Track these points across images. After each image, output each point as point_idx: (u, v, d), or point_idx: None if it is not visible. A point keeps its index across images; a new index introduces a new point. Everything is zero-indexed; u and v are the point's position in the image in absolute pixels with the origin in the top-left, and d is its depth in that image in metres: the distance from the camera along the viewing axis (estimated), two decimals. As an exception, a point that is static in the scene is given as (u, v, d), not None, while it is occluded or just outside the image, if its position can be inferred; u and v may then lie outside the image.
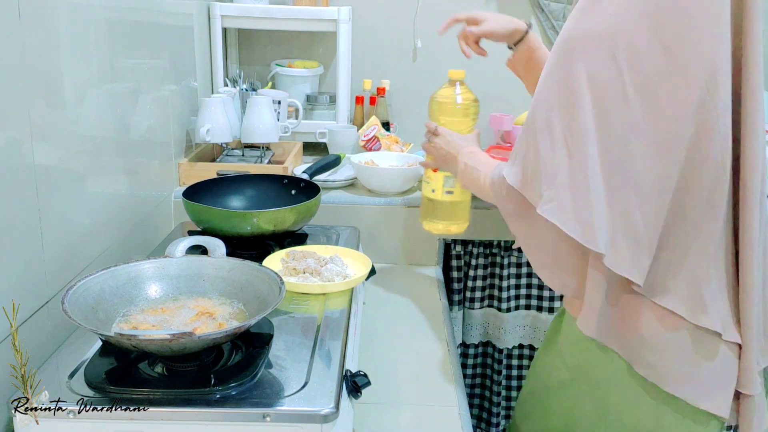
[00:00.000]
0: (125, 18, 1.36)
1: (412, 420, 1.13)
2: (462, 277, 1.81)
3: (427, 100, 1.45)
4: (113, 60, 1.29)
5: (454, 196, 1.43)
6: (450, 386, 1.22)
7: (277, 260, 1.23)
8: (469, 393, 1.91)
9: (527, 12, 2.21)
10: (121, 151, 1.35)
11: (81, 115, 1.16)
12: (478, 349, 1.88)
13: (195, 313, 0.95)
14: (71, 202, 1.13)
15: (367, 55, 2.23)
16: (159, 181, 1.59)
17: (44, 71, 1.03)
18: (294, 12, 2.03)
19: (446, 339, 1.38)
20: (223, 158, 1.88)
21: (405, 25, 2.22)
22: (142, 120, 1.46)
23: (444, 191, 1.42)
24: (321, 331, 1.01)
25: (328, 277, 1.16)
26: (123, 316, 0.95)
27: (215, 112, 1.76)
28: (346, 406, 0.90)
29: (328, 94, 2.20)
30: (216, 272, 1.02)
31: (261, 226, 1.29)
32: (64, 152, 1.11)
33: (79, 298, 0.90)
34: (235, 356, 0.92)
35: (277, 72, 2.18)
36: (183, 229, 1.45)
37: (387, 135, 2.00)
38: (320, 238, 1.41)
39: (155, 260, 1.03)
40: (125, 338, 0.81)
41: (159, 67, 1.56)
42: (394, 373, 1.26)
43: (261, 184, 1.52)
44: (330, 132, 2.01)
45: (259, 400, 0.82)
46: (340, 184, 1.80)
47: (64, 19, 1.09)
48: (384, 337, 1.38)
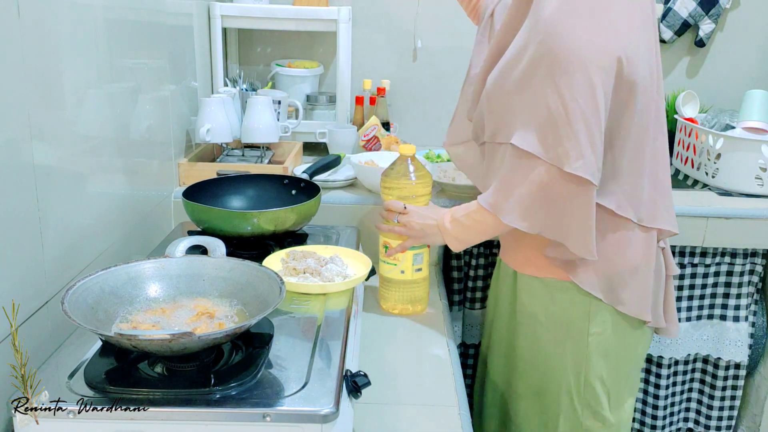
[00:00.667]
0: (125, 18, 1.36)
1: (412, 420, 1.13)
2: (462, 277, 1.81)
3: (427, 100, 1.45)
4: (113, 60, 1.29)
5: (423, 272, 1.42)
6: (450, 386, 1.22)
7: (277, 260, 1.23)
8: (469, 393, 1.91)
9: (527, 12, 2.21)
10: (121, 151, 1.35)
11: (81, 115, 1.16)
12: (478, 349, 1.88)
13: (195, 313, 0.95)
14: (71, 202, 1.13)
15: (367, 55, 2.23)
16: (159, 181, 1.59)
17: (44, 71, 1.03)
18: (294, 12, 2.03)
19: (446, 339, 1.38)
20: (223, 158, 1.87)
21: (405, 25, 2.22)
22: (142, 120, 1.46)
23: (414, 269, 1.41)
24: (321, 331, 1.01)
25: (329, 277, 1.16)
26: (123, 316, 0.95)
27: (215, 112, 1.76)
28: (346, 406, 0.90)
29: (328, 94, 2.20)
30: (216, 272, 1.02)
31: (261, 226, 1.29)
32: (64, 152, 1.10)
33: (78, 298, 0.90)
34: (235, 356, 0.92)
35: (277, 72, 2.18)
36: (183, 229, 1.45)
37: (387, 135, 2.00)
38: (320, 238, 1.41)
39: (155, 260, 1.03)
40: (125, 338, 0.81)
41: (159, 67, 1.56)
42: (394, 373, 1.25)
43: (261, 184, 1.52)
44: (330, 132, 2.01)
45: (259, 400, 0.82)
46: (340, 184, 1.80)
47: (64, 19, 1.09)
48: (384, 337, 1.38)
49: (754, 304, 1.86)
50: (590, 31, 1.07)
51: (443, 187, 1.77)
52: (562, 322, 1.28)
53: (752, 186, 1.81)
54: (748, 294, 1.83)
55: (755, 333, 1.88)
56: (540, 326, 1.30)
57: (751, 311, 1.86)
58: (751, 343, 1.88)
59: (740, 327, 1.84)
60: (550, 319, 1.29)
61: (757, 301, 1.88)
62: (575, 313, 1.26)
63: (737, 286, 1.82)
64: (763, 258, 1.82)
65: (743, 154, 1.79)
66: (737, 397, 1.92)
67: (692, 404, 1.97)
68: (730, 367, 1.89)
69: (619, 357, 1.29)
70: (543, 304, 1.29)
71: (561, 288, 1.26)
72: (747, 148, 1.79)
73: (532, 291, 1.31)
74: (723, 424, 1.95)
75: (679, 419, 1.98)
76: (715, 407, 1.93)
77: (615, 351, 1.28)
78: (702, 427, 1.97)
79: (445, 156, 1.97)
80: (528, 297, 1.32)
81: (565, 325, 1.27)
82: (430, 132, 2.19)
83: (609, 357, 1.28)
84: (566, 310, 1.27)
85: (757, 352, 1.90)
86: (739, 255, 1.79)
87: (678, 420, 1.97)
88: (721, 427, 1.95)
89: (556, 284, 1.26)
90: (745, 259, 1.80)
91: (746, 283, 1.82)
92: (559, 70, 1.07)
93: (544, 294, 1.29)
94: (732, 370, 1.89)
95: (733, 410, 1.94)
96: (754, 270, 1.81)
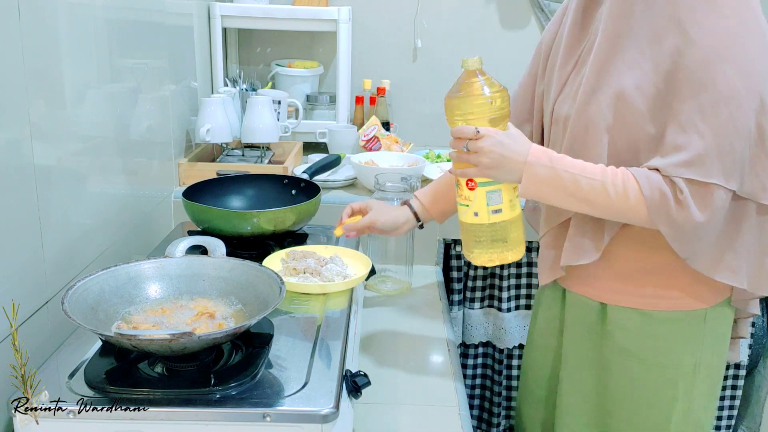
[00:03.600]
0: (125, 18, 1.36)
1: (412, 420, 1.13)
2: (462, 277, 1.81)
3: (427, 100, 1.44)
4: (113, 60, 1.29)
5: (503, 214, 1.11)
6: (450, 386, 1.22)
7: (277, 260, 1.23)
8: (469, 393, 1.91)
9: (527, 12, 2.21)
10: (121, 151, 1.35)
11: (81, 115, 1.16)
12: (478, 349, 1.88)
13: (195, 313, 0.95)
14: (71, 202, 1.13)
15: (367, 55, 2.23)
16: (159, 181, 1.59)
17: (44, 71, 1.03)
18: (294, 12, 2.03)
19: (446, 339, 1.38)
20: (223, 158, 1.88)
21: (405, 25, 2.22)
22: (142, 120, 1.46)
23: (490, 211, 1.10)
24: (321, 331, 1.01)
25: (328, 277, 1.16)
26: (123, 316, 0.95)
27: (215, 112, 1.76)
28: (346, 406, 0.90)
29: (328, 94, 2.20)
30: (216, 272, 1.02)
31: (261, 226, 1.29)
32: (64, 152, 1.10)
33: (79, 298, 0.90)
34: (235, 356, 0.92)
35: (277, 72, 2.18)
36: (183, 229, 1.45)
37: (387, 135, 2.00)
38: (320, 238, 1.41)
39: (155, 260, 1.02)
40: (125, 338, 0.81)
41: (159, 67, 1.56)
42: (394, 373, 1.26)
43: (261, 184, 1.52)
44: (330, 132, 2.01)
45: (259, 400, 0.82)
46: (340, 184, 1.80)
47: (64, 19, 1.09)
48: (384, 337, 1.38)
49: (754, 304, 1.86)
50: None
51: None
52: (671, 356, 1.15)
53: (752, 186, 1.81)
54: (748, 294, 1.83)
55: (755, 333, 1.88)
56: (637, 364, 1.16)
57: (751, 311, 1.86)
58: (751, 343, 1.88)
59: (740, 327, 1.84)
60: (655, 355, 1.15)
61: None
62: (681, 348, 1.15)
63: (737, 286, 1.82)
64: (763, 258, 1.81)
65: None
66: (737, 397, 1.92)
67: (692, 404, 1.97)
68: (730, 367, 1.88)
69: (714, 379, 1.21)
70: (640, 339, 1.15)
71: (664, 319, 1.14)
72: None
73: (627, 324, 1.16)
74: (723, 424, 1.95)
75: (679, 419, 1.98)
76: (715, 407, 1.93)
77: (715, 378, 1.20)
78: (702, 427, 1.97)
79: (445, 156, 1.97)
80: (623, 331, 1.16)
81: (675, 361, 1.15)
82: (430, 132, 2.19)
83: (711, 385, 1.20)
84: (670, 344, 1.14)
85: (757, 352, 1.90)
86: (739, 255, 1.79)
87: (678, 420, 1.97)
88: (721, 427, 1.95)
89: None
90: (745, 259, 1.80)
91: (746, 283, 1.81)
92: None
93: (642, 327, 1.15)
94: (732, 370, 1.89)
95: (733, 410, 1.93)
96: (754, 270, 1.81)
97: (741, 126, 0.99)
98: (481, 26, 2.22)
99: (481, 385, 1.93)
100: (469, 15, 2.21)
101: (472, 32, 2.22)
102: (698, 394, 1.17)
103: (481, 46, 2.18)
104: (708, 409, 1.21)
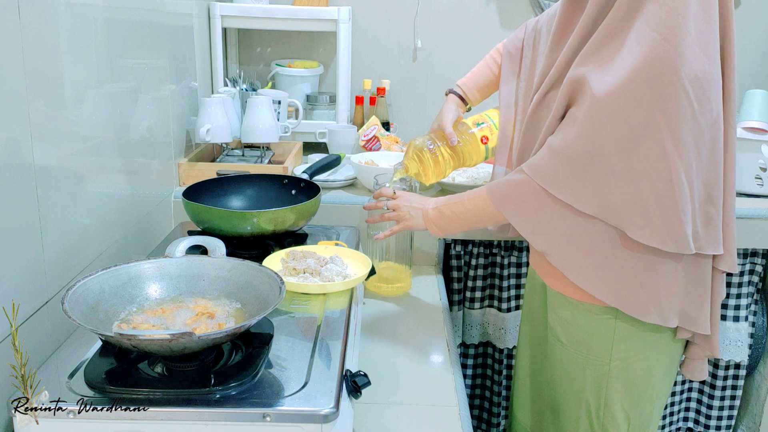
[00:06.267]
0: (125, 18, 1.36)
1: (412, 420, 1.13)
2: (462, 277, 1.81)
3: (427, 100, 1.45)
4: (113, 60, 1.29)
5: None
6: (450, 386, 1.22)
7: (277, 260, 1.23)
8: (469, 393, 1.91)
9: (527, 12, 2.21)
10: (121, 151, 1.35)
11: (81, 115, 1.16)
12: (478, 350, 1.88)
13: (195, 314, 0.95)
14: (71, 202, 1.13)
15: (367, 55, 2.23)
16: (159, 181, 1.59)
17: (44, 71, 1.03)
18: (294, 12, 2.03)
19: (446, 339, 1.38)
20: (223, 158, 1.88)
21: (405, 25, 2.22)
22: (142, 120, 1.46)
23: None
24: (321, 331, 1.01)
25: (328, 277, 1.16)
26: (123, 316, 0.95)
27: (215, 112, 1.76)
28: (346, 406, 0.90)
29: (328, 94, 2.20)
30: (216, 272, 1.02)
31: (261, 226, 1.29)
32: (64, 152, 1.10)
33: (79, 298, 0.90)
34: (235, 356, 0.92)
35: (277, 72, 2.18)
36: (183, 229, 1.45)
37: (387, 135, 2.00)
38: (320, 238, 1.41)
39: (155, 260, 1.03)
40: (125, 338, 0.81)
41: (159, 67, 1.56)
42: (394, 373, 1.26)
43: (261, 184, 1.52)
44: (330, 132, 2.01)
45: (259, 400, 0.82)
46: (340, 184, 1.80)
47: (64, 19, 1.09)
48: (384, 337, 1.38)
49: (754, 304, 1.86)
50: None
51: (443, 187, 1.77)
52: (583, 345, 1.21)
53: (752, 186, 1.81)
54: (748, 294, 1.83)
55: (755, 333, 1.89)
56: (562, 347, 1.25)
57: (751, 311, 1.86)
58: (751, 343, 1.88)
59: (740, 327, 1.84)
60: (570, 340, 1.23)
61: (757, 301, 1.88)
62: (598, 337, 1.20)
63: (737, 285, 1.82)
64: (763, 258, 1.82)
65: (743, 154, 1.79)
66: (737, 397, 1.92)
67: (692, 404, 1.97)
68: (730, 367, 1.89)
69: (641, 386, 1.22)
70: (566, 324, 1.23)
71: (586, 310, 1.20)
72: (747, 148, 1.79)
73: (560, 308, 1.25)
74: (723, 424, 1.95)
75: (679, 419, 1.98)
76: (714, 407, 1.93)
77: (639, 380, 1.22)
78: (702, 427, 1.97)
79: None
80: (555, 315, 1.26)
81: (585, 348, 1.21)
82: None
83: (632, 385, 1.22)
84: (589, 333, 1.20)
85: (757, 352, 1.90)
86: (739, 255, 1.79)
87: (678, 420, 1.98)
88: (720, 427, 1.95)
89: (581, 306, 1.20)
90: (745, 259, 1.80)
91: (746, 283, 1.82)
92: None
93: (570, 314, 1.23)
94: (732, 370, 1.89)
95: (733, 410, 1.94)
96: (754, 270, 1.81)
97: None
98: (480, 26, 2.22)
99: (481, 386, 1.93)
100: (469, 15, 2.21)
101: (472, 32, 2.22)
102: (614, 390, 1.20)
103: (481, 46, 2.17)
104: (629, 409, 1.22)
